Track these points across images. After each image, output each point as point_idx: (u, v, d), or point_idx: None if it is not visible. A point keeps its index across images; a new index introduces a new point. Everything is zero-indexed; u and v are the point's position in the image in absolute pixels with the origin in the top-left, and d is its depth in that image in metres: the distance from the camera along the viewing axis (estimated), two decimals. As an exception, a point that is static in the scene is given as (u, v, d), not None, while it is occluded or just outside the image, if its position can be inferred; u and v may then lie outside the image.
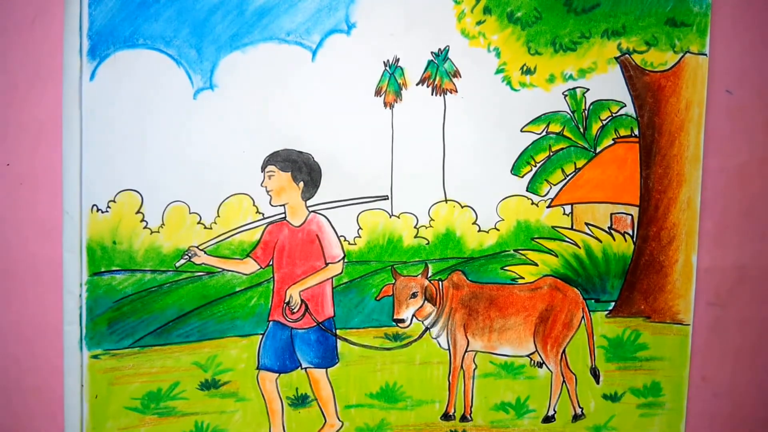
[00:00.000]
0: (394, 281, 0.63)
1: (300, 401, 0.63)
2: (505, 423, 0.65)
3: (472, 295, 0.63)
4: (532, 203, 0.63)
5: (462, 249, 0.63)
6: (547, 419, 0.65)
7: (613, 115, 0.63)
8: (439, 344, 0.64)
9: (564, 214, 0.64)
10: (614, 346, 0.65)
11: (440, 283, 0.63)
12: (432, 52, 0.61)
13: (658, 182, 0.64)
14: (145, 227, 0.60)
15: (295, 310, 0.62)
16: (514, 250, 0.64)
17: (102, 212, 0.59)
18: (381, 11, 0.61)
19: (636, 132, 0.64)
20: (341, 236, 0.62)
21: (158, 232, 0.60)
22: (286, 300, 0.62)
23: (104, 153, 0.59)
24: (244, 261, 0.62)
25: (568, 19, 0.62)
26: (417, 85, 0.61)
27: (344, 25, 0.60)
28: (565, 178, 0.64)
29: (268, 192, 0.61)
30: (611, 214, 0.64)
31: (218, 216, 0.61)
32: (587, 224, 0.64)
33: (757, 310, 0.67)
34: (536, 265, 0.64)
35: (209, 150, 0.60)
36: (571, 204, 0.64)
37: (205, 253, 0.61)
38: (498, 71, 0.62)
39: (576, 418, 0.65)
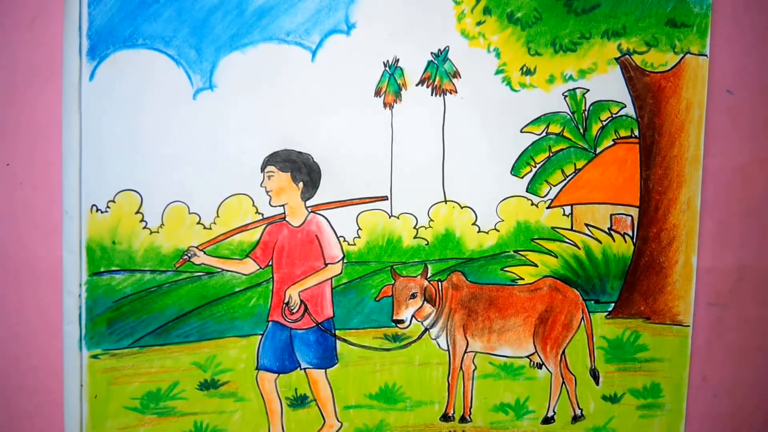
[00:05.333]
0: (393, 282, 0.63)
1: (299, 402, 0.63)
2: (504, 424, 0.65)
3: (472, 295, 0.63)
4: (532, 204, 0.63)
5: (461, 250, 0.63)
6: (547, 420, 0.65)
7: (613, 115, 0.63)
8: (439, 345, 0.64)
9: (564, 214, 0.64)
10: (614, 348, 0.65)
11: (439, 283, 0.63)
12: (432, 53, 0.61)
13: (658, 183, 0.64)
14: (144, 227, 0.60)
15: (294, 311, 0.62)
16: (514, 251, 0.64)
17: (101, 212, 0.59)
18: (381, 11, 0.60)
19: (636, 133, 0.64)
20: (341, 237, 0.62)
21: (158, 232, 0.60)
22: (286, 300, 0.62)
23: (104, 153, 0.59)
24: (243, 261, 0.62)
25: (568, 20, 0.62)
26: (417, 85, 0.61)
27: (344, 26, 0.60)
28: (565, 179, 0.64)
29: (267, 192, 0.61)
30: (611, 215, 0.64)
31: (218, 216, 0.61)
32: (587, 225, 0.64)
33: (758, 310, 0.67)
34: (536, 266, 0.64)
35: (209, 150, 0.60)
36: (571, 205, 0.64)
37: (204, 253, 0.61)
38: (498, 72, 0.62)
39: (575, 419, 0.65)
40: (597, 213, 0.64)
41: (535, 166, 0.63)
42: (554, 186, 0.64)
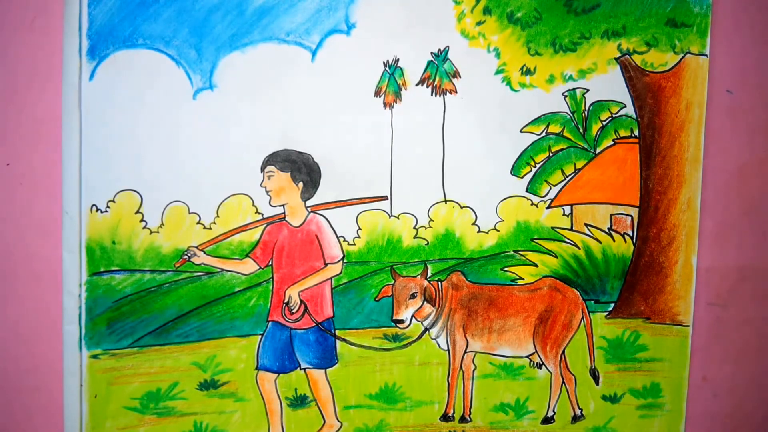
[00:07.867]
0: (393, 282, 0.63)
1: (299, 402, 0.63)
2: (504, 424, 0.65)
3: (472, 295, 0.63)
4: (532, 204, 0.63)
5: (461, 249, 0.63)
6: (547, 420, 0.65)
7: (613, 115, 0.63)
8: (439, 345, 0.64)
9: (564, 214, 0.64)
10: (614, 347, 0.65)
11: (439, 283, 0.63)
12: (432, 53, 0.61)
13: (658, 183, 0.64)
14: (144, 227, 0.60)
15: (294, 311, 0.62)
16: (514, 251, 0.63)
17: (101, 212, 0.59)
18: (381, 11, 0.60)
19: (636, 133, 0.64)
20: (340, 237, 0.62)
21: (158, 232, 0.60)
22: (286, 300, 0.62)
23: (104, 153, 0.59)
24: (243, 261, 0.62)
25: (568, 20, 0.62)
26: (417, 85, 0.61)
27: (344, 26, 0.60)
28: (565, 179, 0.64)
29: (267, 192, 0.61)
30: (611, 215, 0.64)
31: (218, 216, 0.61)
32: (587, 225, 0.64)
33: (758, 310, 0.67)
34: (536, 265, 0.64)
35: (209, 150, 0.60)
36: (571, 205, 0.64)
37: (204, 253, 0.61)
38: (498, 72, 0.62)
39: (575, 419, 0.65)
40: (597, 213, 0.64)
41: (535, 166, 0.63)
42: (554, 186, 0.64)
